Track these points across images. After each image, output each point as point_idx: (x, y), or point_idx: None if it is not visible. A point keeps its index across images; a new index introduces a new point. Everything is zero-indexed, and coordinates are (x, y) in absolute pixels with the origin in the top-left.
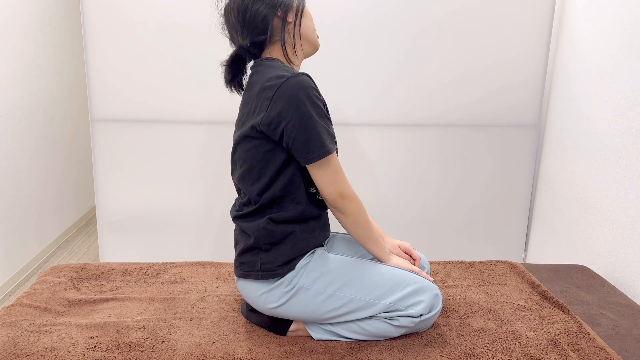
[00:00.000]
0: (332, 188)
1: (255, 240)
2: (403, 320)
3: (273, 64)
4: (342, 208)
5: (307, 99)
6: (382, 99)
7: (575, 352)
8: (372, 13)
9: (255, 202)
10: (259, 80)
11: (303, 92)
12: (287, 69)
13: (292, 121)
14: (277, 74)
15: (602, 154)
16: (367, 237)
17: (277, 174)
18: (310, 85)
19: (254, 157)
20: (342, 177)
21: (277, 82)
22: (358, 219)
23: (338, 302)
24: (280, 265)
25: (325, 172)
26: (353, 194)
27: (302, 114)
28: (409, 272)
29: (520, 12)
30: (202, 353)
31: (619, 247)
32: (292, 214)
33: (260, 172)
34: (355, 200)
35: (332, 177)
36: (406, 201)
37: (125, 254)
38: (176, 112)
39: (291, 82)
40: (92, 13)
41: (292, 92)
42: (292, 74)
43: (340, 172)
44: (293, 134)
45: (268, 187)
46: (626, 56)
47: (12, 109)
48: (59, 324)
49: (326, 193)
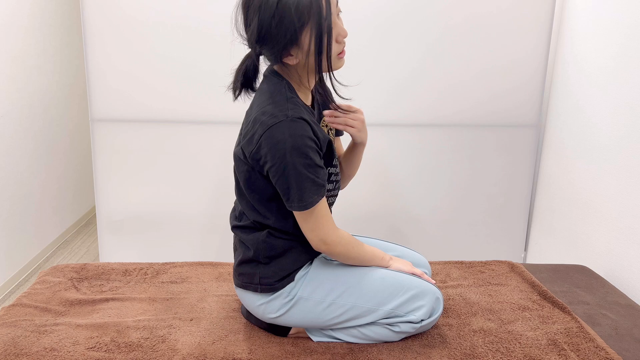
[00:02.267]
0: (314, 235)
1: (254, 253)
2: (404, 326)
3: (277, 90)
4: (328, 252)
5: (294, 149)
6: (382, 100)
7: (575, 352)
8: (375, 19)
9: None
10: (259, 103)
11: (291, 141)
12: (285, 106)
13: (275, 167)
14: (272, 110)
15: (602, 154)
16: (361, 262)
17: (269, 205)
18: (302, 133)
19: (245, 181)
20: (326, 224)
21: (269, 121)
22: (348, 256)
23: (338, 310)
24: (279, 279)
25: (308, 220)
26: (337, 239)
27: (286, 164)
28: (410, 275)
29: (520, 13)
30: (202, 353)
31: (619, 247)
32: (292, 232)
33: (252, 197)
34: (341, 243)
35: (314, 224)
36: (405, 201)
37: (125, 254)
38: (176, 112)
39: (281, 127)
40: (92, 13)
41: (280, 137)
42: (286, 116)
43: (324, 219)
44: (275, 179)
45: (262, 215)
46: (626, 56)
47: (12, 109)
48: (59, 324)
49: (309, 238)
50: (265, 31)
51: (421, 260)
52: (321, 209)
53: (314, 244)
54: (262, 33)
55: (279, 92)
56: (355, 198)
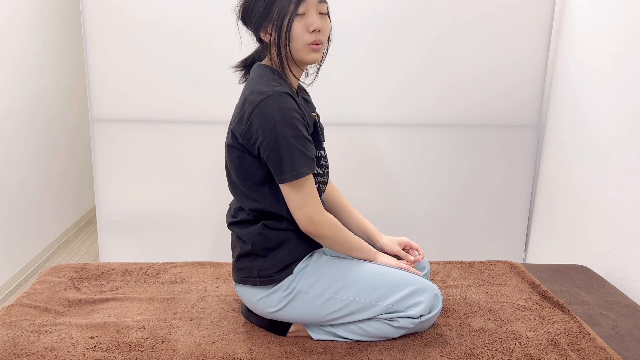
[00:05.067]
0: (302, 213)
1: (251, 246)
2: (403, 321)
3: (263, 74)
4: (315, 234)
5: (283, 120)
6: (382, 100)
7: (575, 352)
8: (376, 19)
9: (248, 212)
10: (247, 88)
11: (280, 113)
12: (271, 84)
13: (267, 140)
14: (260, 89)
15: (602, 154)
16: (348, 250)
17: (262, 189)
18: (290, 106)
19: (236, 168)
20: (313, 202)
21: (257, 98)
22: (335, 239)
23: (337, 304)
24: (277, 271)
25: (296, 196)
26: (324, 219)
27: (277, 135)
28: (398, 269)
29: (520, 13)
30: (202, 353)
31: (619, 247)
32: (286, 222)
33: (244, 184)
34: (329, 223)
35: (303, 201)
36: (405, 201)
37: (125, 254)
38: (176, 112)
39: (270, 101)
40: (92, 13)
41: (269, 110)
42: (273, 91)
43: (312, 196)
44: (267, 153)
45: (256, 201)
46: (626, 56)
47: (12, 109)
48: (59, 324)
49: (297, 217)
50: (247, 5)
51: (420, 247)
52: (309, 185)
53: (301, 224)
54: (246, 5)
55: (265, 75)
56: (356, 198)
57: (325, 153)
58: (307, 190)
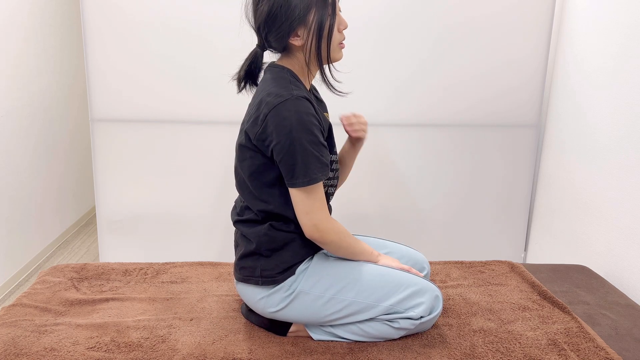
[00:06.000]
0: (308, 218)
1: (256, 245)
2: (403, 322)
3: (280, 75)
4: (320, 240)
5: (300, 124)
6: (383, 100)
7: (575, 352)
8: (377, 20)
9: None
10: (263, 89)
11: (297, 117)
12: (289, 87)
13: (281, 144)
14: (278, 91)
15: (602, 154)
16: (351, 254)
17: (272, 190)
18: (307, 111)
19: (247, 168)
20: (320, 209)
21: (274, 100)
22: (339, 245)
23: (338, 305)
24: (280, 272)
25: (305, 201)
26: (330, 226)
27: (292, 139)
28: (400, 270)
29: (520, 13)
30: (202, 353)
31: (619, 247)
32: (292, 225)
33: (254, 185)
34: (333, 230)
35: (310, 207)
36: (405, 201)
37: (125, 254)
38: (176, 112)
39: (287, 105)
40: (92, 13)
41: (286, 114)
42: (291, 95)
43: (319, 204)
44: (280, 156)
45: (265, 202)
46: (626, 56)
47: (12, 109)
48: (59, 324)
49: (302, 222)
50: (276, 9)
51: (420, 259)
52: (319, 192)
53: (306, 230)
54: (272, 11)
55: (282, 77)
56: (357, 198)
57: (337, 157)
58: (317, 196)
